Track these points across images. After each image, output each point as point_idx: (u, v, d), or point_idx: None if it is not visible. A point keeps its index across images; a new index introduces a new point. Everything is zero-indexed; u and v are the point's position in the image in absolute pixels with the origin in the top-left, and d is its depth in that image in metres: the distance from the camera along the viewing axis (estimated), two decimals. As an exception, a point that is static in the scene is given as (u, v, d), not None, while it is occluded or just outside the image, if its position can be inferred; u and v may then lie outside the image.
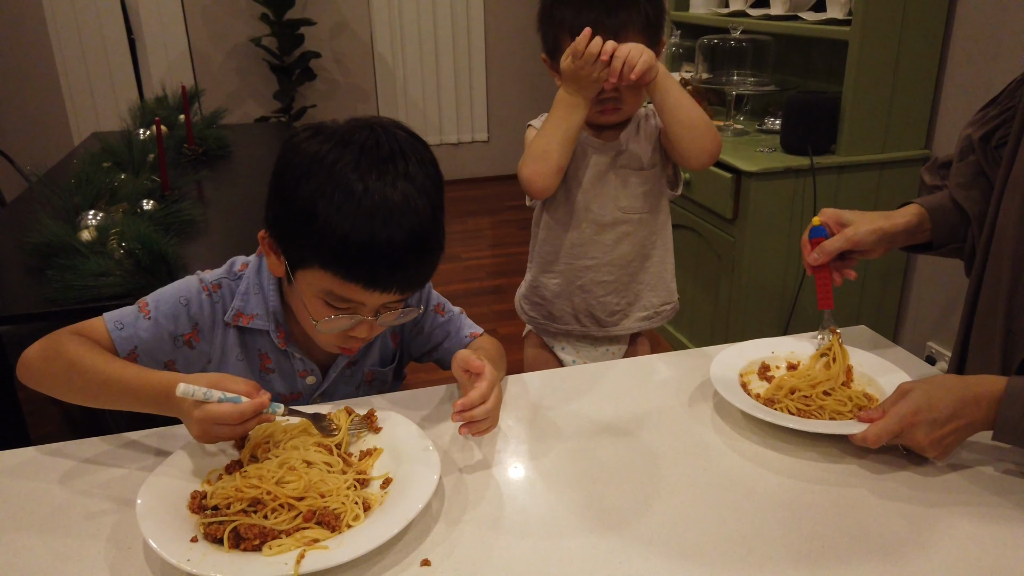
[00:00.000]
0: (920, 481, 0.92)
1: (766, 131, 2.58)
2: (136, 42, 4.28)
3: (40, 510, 0.89)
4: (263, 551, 0.79)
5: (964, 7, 2.17)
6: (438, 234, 0.97)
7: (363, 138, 0.93)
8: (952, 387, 0.92)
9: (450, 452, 0.99)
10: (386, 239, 0.90)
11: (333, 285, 0.94)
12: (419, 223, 0.93)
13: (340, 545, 0.79)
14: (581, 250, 1.40)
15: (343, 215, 0.89)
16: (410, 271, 0.95)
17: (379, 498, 0.88)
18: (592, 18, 1.21)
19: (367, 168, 0.91)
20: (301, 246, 0.95)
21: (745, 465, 0.96)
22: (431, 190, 0.96)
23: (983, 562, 0.80)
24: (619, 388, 1.15)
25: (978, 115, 1.16)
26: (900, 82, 2.23)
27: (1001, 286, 1.04)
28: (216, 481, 0.88)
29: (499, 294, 3.56)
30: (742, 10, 2.77)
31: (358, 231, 0.89)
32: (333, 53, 4.70)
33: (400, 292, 0.97)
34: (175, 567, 0.76)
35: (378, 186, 0.90)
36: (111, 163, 2.28)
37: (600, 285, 1.42)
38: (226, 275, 1.09)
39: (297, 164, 0.93)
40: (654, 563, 0.80)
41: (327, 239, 0.90)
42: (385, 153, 0.93)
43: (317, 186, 0.91)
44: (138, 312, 1.04)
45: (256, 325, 1.07)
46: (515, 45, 5.00)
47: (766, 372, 1.13)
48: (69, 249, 1.67)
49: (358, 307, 0.97)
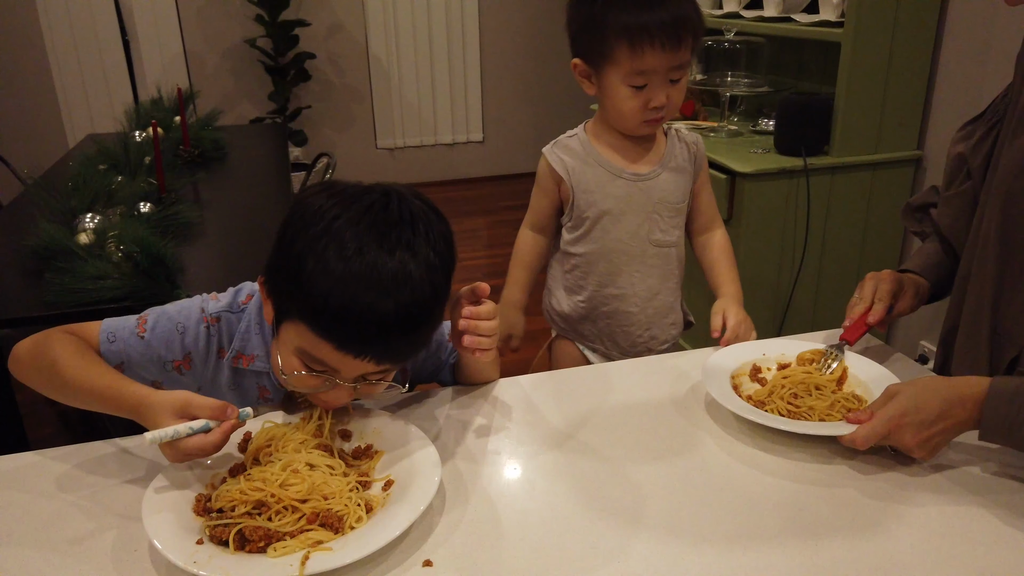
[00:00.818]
0: (908, 481, 0.94)
1: (760, 132, 2.60)
2: (130, 43, 4.28)
3: (41, 515, 0.90)
4: (268, 553, 0.80)
5: (956, 9, 2.19)
6: (433, 312, 0.92)
7: (371, 200, 0.90)
8: (938, 389, 0.93)
9: (451, 453, 1.00)
10: (367, 304, 0.85)
11: (309, 343, 0.89)
12: (412, 297, 0.87)
13: (344, 547, 0.80)
14: (609, 279, 1.40)
15: (329, 270, 0.85)
16: (390, 344, 0.89)
17: (381, 500, 0.89)
18: (654, 19, 1.18)
19: (367, 228, 0.87)
20: (286, 297, 0.91)
21: (738, 466, 0.98)
22: (436, 265, 0.90)
23: (972, 559, 0.81)
24: (614, 389, 1.16)
25: (965, 130, 1.17)
26: (892, 83, 2.25)
27: (986, 288, 1.05)
28: (220, 484, 0.89)
29: (496, 295, 3.57)
30: (736, 11, 2.78)
31: (340, 289, 0.85)
32: (328, 54, 4.71)
33: (376, 363, 0.91)
34: (181, 569, 0.76)
35: (374, 249, 0.86)
36: (107, 166, 2.29)
37: (625, 316, 1.42)
38: (228, 308, 1.07)
39: (299, 217, 0.90)
40: (653, 562, 0.81)
41: (309, 292, 0.86)
42: (392, 218, 0.89)
43: (311, 238, 0.87)
44: (135, 328, 1.03)
45: (256, 367, 1.05)
46: (510, 45, 5.01)
47: (757, 374, 1.14)
48: (67, 252, 1.68)
49: (333, 372, 0.92)
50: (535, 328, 1.58)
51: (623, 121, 1.30)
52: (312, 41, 4.60)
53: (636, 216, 1.36)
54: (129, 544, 0.85)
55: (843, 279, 2.43)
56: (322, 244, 0.86)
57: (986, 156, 1.12)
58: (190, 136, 2.71)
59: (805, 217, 2.30)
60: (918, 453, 0.94)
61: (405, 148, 5.07)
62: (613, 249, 1.38)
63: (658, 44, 1.19)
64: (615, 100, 1.27)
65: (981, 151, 1.12)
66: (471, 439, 1.04)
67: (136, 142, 2.53)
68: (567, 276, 1.44)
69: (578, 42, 1.28)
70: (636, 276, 1.40)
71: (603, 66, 1.25)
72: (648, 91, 1.24)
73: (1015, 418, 0.89)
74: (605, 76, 1.26)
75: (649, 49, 1.19)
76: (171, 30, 4.40)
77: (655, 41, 1.19)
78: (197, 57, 4.53)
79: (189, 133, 2.71)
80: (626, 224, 1.37)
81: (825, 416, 1.03)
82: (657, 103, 1.25)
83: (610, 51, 1.22)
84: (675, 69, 1.24)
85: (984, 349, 1.07)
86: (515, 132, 5.20)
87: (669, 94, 1.25)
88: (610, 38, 1.21)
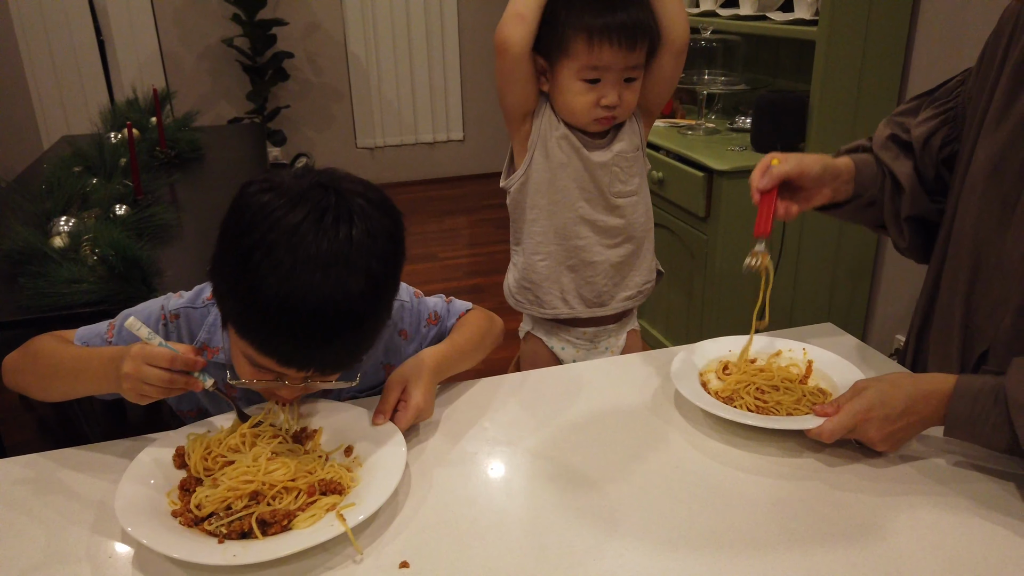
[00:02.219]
0: (873, 472, 0.96)
1: (737, 130, 2.62)
2: (105, 43, 4.24)
3: (15, 524, 0.90)
4: (296, 527, 0.83)
5: (927, 8, 2.22)
6: (374, 315, 0.89)
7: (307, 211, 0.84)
8: (904, 385, 0.95)
9: (427, 454, 1.01)
10: (305, 324, 0.83)
11: (254, 354, 0.89)
12: (348, 305, 0.84)
13: (361, 501, 0.85)
14: (572, 231, 1.39)
15: (263, 288, 0.82)
16: (331, 354, 0.89)
17: (356, 460, 0.95)
18: (613, 20, 1.22)
19: (301, 245, 0.83)
20: (228, 307, 0.90)
21: (709, 462, 0.99)
22: (374, 268, 0.86)
23: (938, 547, 0.83)
24: (586, 388, 1.17)
25: (911, 104, 1.19)
26: (866, 81, 2.27)
27: (959, 284, 1.07)
28: (185, 498, 0.89)
29: (477, 293, 3.58)
30: (712, 10, 2.80)
31: (275, 310, 0.82)
32: (306, 53, 4.69)
33: (321, 373, 0.92)
34: (228, 565, 0.78)
35: (308, 268, 0.82)
36: (82, 167, 2.26)
37: (590, 266, 1.41)
38: (190, 303, 1.07)
39: (236, 222, 0.87)
40: (628, 559, 0.82)
41: (247, 310, 0.85)
42: (328, 227, 0.84)
43: (248, 248, 0.83)
44: (104, 333, 1.06)
45: (219, 359, 1.05)
46: (489, 44, 4.98)
47: (725, 371, 1.16)
48: (41, 256, 1.66)
49: (281, 376, 0.93)
50: (515, 327, 1.59)
51: (574, 117, 1.32)
52: (290, 40, 4.57)
53: (593, 174, 1.35)
54: (103, 549, 0.84)
55: (820, 276, 2.45)
56: (257, 261, 0.82)
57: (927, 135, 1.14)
58: (167, 137, 2.68)
59: (781, 214, 2.32)
60: (882, 447, 0.96)
61: (385, 147, 5.06)
62: (573, 203, 1.37)
63: (615, 42, 1.23)
64: (567, 95, 1.29)
65: (924, 127, 1.14)
66: (447, 440, 1.04)
67: (111, 144, 2.51)
68: (528, 231, 1.41)
69: (536, 37, 1.29)
70: (599, 224, 1.39)
71: (559, 60, 1.28)
72: (601, 87, 1.27)
73: (977, 417, 0.91)
74: (560, 70, 1.28)
75: (607, 46, 1.23)
76: (147, 30, 4.36)
77: (612, 38, 1.22)
78: (173, 57, 4.49)
79: (166, 134, 2.69)
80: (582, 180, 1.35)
81: (792, 410, 1.04)
82: (609, 101, 1.27)
83: (568, 45, 1.25)
84: (630, 69, 1.27)
85: (956, 343, 1.08)
86: (496, 131, 5.20)
87: (622, 94, 1.28)
88: (569, 32, 1.24)
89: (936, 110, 1.15)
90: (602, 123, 1.32)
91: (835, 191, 1.15)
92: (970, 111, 1.10)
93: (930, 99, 1.18)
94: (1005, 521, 0.87)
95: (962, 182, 1.09)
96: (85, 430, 1.81)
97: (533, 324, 1.52)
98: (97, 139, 2.47)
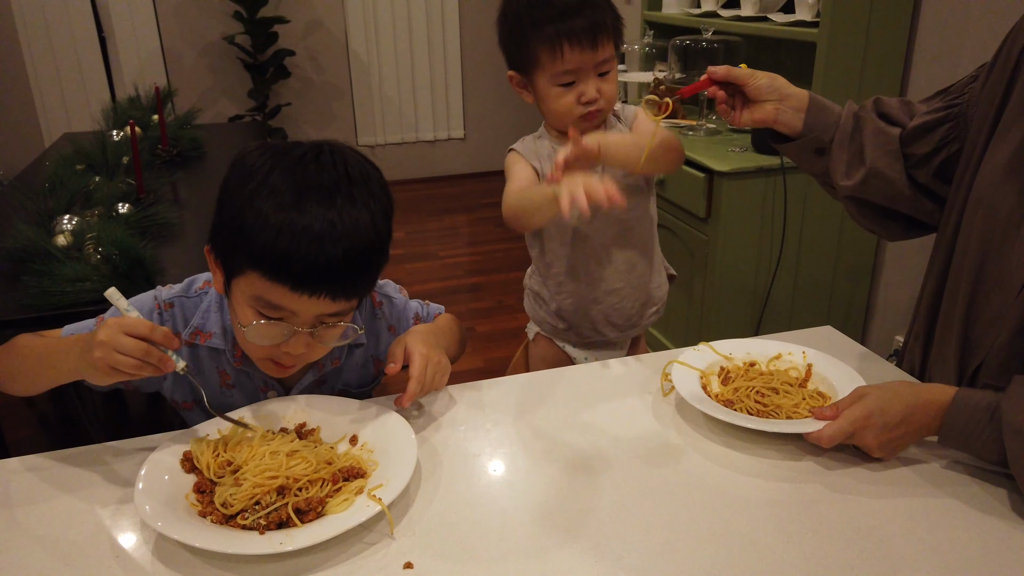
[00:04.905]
0: (872, 476, 0.97)
1: (737, 131, 2.63)
2: (107, 40, 4.23)
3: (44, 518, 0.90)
4: (328, 512, 0.86)
5: (928, 10, 2.22)
6: (377, 245, 0.96)
7: (304, 151, 0.95)
8: (904, 394, 0.96)
9: (430, 455, 1.02)
10: (314, 238, 0.89)
11: (263, 289, 0.92)
12: (355, 229, 0.92)
13: (388, 480, 0.89)
14: (585, 266, 1.41)
15: (271, 213, 0.89)
16: (341, 274, 0.92)
17: (365, 447, 0.98)
18: (568, 27, 1.24)
19: (302, 175, 0.92)
20: (233, 251, 0.94)
21: (709, 464, 1.00)
22: (373, 207, 0.95)
23: (935, 549, 0.84)
24: (586, 390, 1.18)
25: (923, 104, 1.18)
26: (866, 82, 2.28)
27: (960, 294, 1.07)
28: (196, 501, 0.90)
29: (477, 292, 3.58)
30: (713, 11, 2.81)
31: (286, 229, 0.89)
32: (307, 51, 4.69)
33: (332, 298, 0.94)
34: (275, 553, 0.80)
35: (313, 191, 0.91)
36: (84, 166, 2.27)
37: (612, 294, 1.43)
38: (182, 293, 1.09)
39: (237, 175, 0.95)
40: (628, 561, 0.83)
41: (255, 237, 0.90)
42: (326, 164, 0.94)
43: (251, 191, 0.91)
44: (93, 326, 1.05)
45: (213, 344, 1.07)
46: (491, 42, 4.97)
47: (726, 373, 1.16)
48: (44, 254, 1.67)
49: (290, 316, 0.95)
50: (515, 326, 1.60)
51: (561, 120, 1.34)
52: (291, 38, 4.58)
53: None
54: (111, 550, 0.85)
55: (820, 277, 2.46)
56: (264, 192, 0.90)
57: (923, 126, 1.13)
58: (168, 135, 2.69)
59: (782, 215, 2.33)
60: (878, 453, 0.97)
61: (386, 145, 5.06)
62: (581, 234, 1.40)
63: (576, 45, 1.25)
64: (549, 101, 1.32)
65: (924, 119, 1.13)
66: (450, 441, 1.05)
67: (114, 141, 2.51)
68: (548, 273, 1.45)
69: (509, 55, 1.35)
70: (612, 251, 1.41)
71: (532, 72, 1.31)
72: (577, 86, 1.29)
73: (971, 432, 0.92)
74: (536, 81, 1.32)
75: (568, 51, 1.25)
76: (148, 27, 4.36)
77: (572, 43, 1.25)
78: (175, 54, 4.50)
79: (167, 132, 2.69)
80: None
81: (792, 414, 1.05)
82: (588, 97, 1.29)
83: (535, 56, 1.29)
84: (600, 65, 1.29)
85: (953, 354, 1.09)
86: (496, 129, 5.20)
87: (599, 87, 1.30)
88: (534, 45, 1.28)
89: (943, 102, 1.14)
90: (589, 119, 1.33)
91: (778, 112, 1.16)
92: (979, 114, 1.08)
93: (942, 93, 1.16)
94: (1001, 524, 0.88)
95: (968, 189, 1.07)
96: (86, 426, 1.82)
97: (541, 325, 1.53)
98: (99, 137, 2.48)
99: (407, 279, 3.46)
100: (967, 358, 1.06)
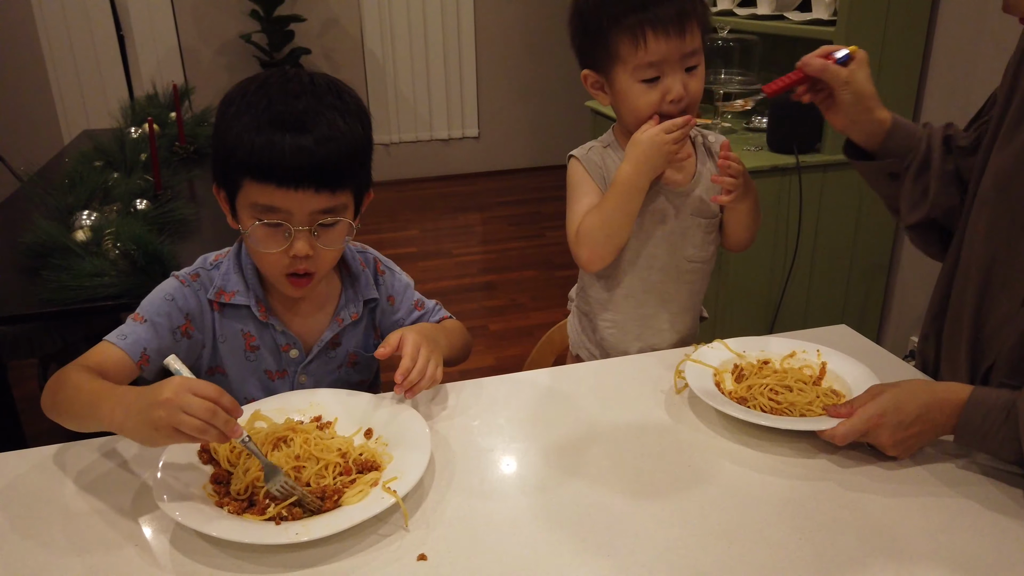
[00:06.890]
0: (885, 474, 0.96)
1: (753, 130, 2.62)
2: (125, 38, 4.27)
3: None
4: (344, 503, 0.89)
5: (947, 8, 2.21)
6: (348, 135, 1.03)
7: (274, 72, 1.06)
8: (919, 393, 0.96)
9: (444, 449, 1.02)
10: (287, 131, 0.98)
11: (257, 194, 1.01)
12: (324, 121, 1.00)
13: (402, 473, 0.91)
14: (638, 299, 1.33)
15: (249, 121, 0.99)
16: (317, 164, 1.00)
17: (380, 440, 1.00)
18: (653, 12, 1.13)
19: (276, 89, 1.02)
20: (229, 171, 1.03)
21: (722, 462, 1.00)
22: (340, 105, 1.04)
23: (948, 548, 0.83)
24: (601, 387, 1.18)
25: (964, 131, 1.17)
26: (883, 82, 2.27)
27: (968, 296, 1.07)
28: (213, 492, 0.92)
29: (490, 290, 3.59)
30: (730, 9, 2.80)
31: (264, 129, 0.98)
32: (323, 49, 4.71)
33: (316, 190, 1.01)
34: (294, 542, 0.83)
35: (283, 96, 1.01)
36: (103, 162, 2.29)
37: (659, 333, 1.37)
38: (200, 267, 1.16)
39: (220, 109, 1.04)
40: (640, 557, 0.83)
41: (240, 146, 0.99)
42: (292, 77, 1.04)
43: (232, 114, 1.02)
44: (134, 322, 1.08)
45: (238, 301, 1.13)
46: (505, 41, 5.01)
47: (739, 371, 1.16)
48: (64, 249, 1.69)
49: (287, 217, 1.02)
50: (527, 324, 1.60)
51: (641, 124, 1.20)
52: (307, 36, 4.60)
53: (668, 231, 1.29)
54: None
55: (835, 276, 2.45)
56: (244, 105, 1.01)
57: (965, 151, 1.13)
58: (186, 132, 2.71)
59: (797, 214, 2.32)
60: (893, 451, 0.97)
61: (400, 143, 5.08)
62: (644, 267, 1.31)
63: (660, 31, 1.13)
64: (630, 101, 1.19)
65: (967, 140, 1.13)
66: (464, 435, 1.06)
67: (132, 138, 2.54)
68: (596, 297, 1.36)
69: (583, 52, 1.23)
70: (670, 292, 1.33)
71: (611, 68, 1.19)
72: (663, 83, 1.16)
73: (987, 431, 0.92)
74: (616, 78, 1.19)
75: (652, 37, 1.13)
76: (166, 25, 4.40)
77: (656, 28, 1.13)
78: (192, 53, 4.53)
79: (185, 129, 2.72)
80: (656, 239, 1.29)
81: (805, 411, 1.05)
82: (674, 95, 1.16)
83: (614, 49, 1.17)
84: (687, 56, 1.16)
85: (964, 355, 1.08)
86: (510, 128, 5.20)
87: (686, 84, 1.17)
88: (611, 36, 1.16)
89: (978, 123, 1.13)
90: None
91: (855, 125, 1.15)
92: (990, 126, 1.08)
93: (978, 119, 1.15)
94: (1017, 525, 0.87)
95: (974, 194, 1.08)
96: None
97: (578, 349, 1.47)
98: (118, 134, 2.50)
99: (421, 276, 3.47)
100: (978, 359, 1.06)
